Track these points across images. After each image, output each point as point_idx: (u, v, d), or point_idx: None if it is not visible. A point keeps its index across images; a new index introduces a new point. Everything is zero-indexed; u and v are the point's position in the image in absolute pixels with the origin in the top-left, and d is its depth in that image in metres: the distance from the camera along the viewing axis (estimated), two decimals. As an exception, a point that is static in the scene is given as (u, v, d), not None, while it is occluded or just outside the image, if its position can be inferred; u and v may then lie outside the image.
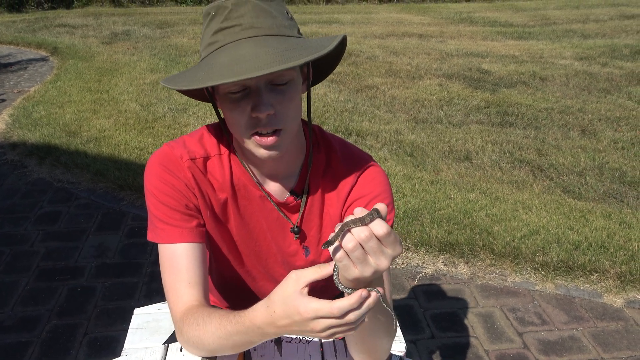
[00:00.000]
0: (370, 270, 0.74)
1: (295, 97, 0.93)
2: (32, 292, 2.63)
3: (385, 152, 4.20)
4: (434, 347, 2.33)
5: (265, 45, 0.86)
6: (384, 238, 0.72)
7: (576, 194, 3.57)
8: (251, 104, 0.89)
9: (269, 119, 0.90)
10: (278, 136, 0.92)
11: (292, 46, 0.87)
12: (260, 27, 0.88)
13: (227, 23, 0.88)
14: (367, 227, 0.72)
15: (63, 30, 9.26)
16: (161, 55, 7.32)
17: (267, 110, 0.88)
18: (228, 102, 0.92)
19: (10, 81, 6.46)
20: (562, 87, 6.12)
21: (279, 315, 0.78)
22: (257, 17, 0.88)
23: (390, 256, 0.74)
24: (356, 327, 0.76)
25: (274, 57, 0.82)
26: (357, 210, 0.74)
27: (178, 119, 4.87)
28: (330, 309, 0.73)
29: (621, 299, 2.63)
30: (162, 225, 1.01)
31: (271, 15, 0.90)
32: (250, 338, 0.86)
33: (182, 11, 11.86)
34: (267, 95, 0.89)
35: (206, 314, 0.93)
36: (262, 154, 0.94)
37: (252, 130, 0.91)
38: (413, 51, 7.86)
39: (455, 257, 2.91)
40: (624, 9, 12.65)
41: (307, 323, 0.75)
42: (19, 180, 3.82)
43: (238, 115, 0.91)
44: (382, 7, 13.28)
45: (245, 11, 0.88)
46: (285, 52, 0.84)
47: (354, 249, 0.72)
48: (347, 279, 0.77)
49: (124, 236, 3.12)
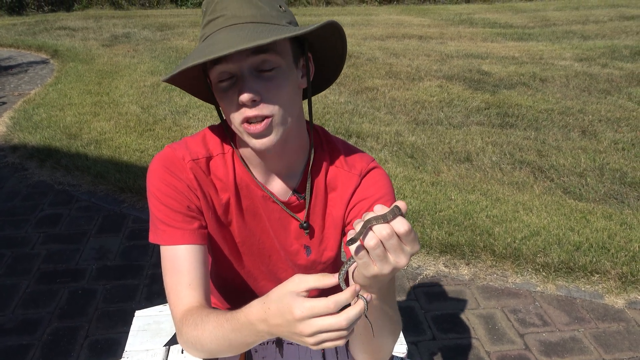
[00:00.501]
0: (389, 267, 0.74)
1: (283, 85, 0.93)
2: (33, 295, 2.63)
3: (385, 153, 4.20)
4: (435, 348, 2.33)
5: (240, 30, 0.88)
6: (404, 236, 0.72)
7: (577, 195, 3.57)
8: (237, 92, 0.90)
9: (254, 105, 0.90)
10: (267, 122, 0.92)
11: (271, 29, 0.88)
12: (242, 16, 0.90)
13: (213, 15, 0.91)
14: (388, 224, 0.72)
15: (63, 33, 9.27)
16: (161, 58, 7.33)
17: (250, 94, 0.88)
18: (219, 92, 0.93)
19: (10, 84, 6.46)
20: (562, 88, 6.12)
21: (272, 313, 0.77)
22: (240, 7, 0.90)
23: (409, 254, 0.74)
24: (348, 335, 0.75)
25: (243, 39, 0.84)
26: (377, 207, 0.74)
27: (178, 121, 4.87)
28: (326, 304, 0.73)
29: (622, 300, 2.63)
30: (163, 227, 1.01)
31: (256, 5, 0.91)
32: (244, 336, 0.85)
33: (182, 13, 11.87)
34: (252, 81, 0.89)
35: (205, 314, 0.93)
36: (254, 144, 0.94)
37: (240, 118, 0.92)
38: (413, 53, 7.86)
39: (456, 258, 2.91)
40: (623, 10, 12.66)
41: (297, 324, 0.74)
42: (19, 182, 3.82)
43: (228, 104, 0.92)
44: (382, 9, 13.29)
45: (229, 2, 0.91)
46: (257, 34, 0.86)
47: (375, 247, 0.72)
48: (365, 276, 0.77)
49: (124, 238, 3.12)
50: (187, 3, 12.97)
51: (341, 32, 0.97)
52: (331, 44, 1.00)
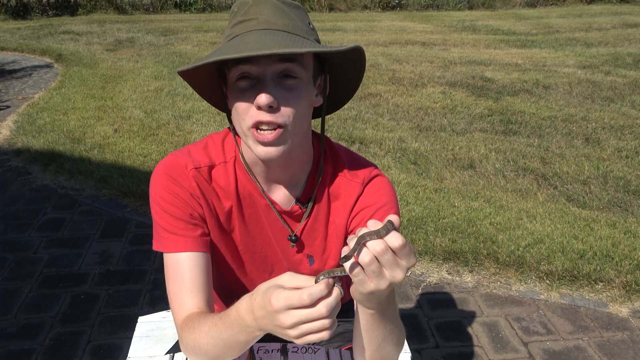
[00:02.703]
0: (385, 283, 0.74)
1: (301, 98, 0.93)
2: (36, 299, 2.62)
3: (388, 160, 4.19)
4: (439, 356, 2.32)
5: (273, 35, 0.88)
6: (399, 250, 0.71)
7: (580, 202, 3.56)
8: (256, 94, 0.89)
9: (270, 111, 0.89)
10: (279, 133, 0.91)
11: (301, 41, 0.89)
12: (275, 23, 0.90)
13: (245, 17, 0.91)
14: (382, 240, 0.71)
15: (67, 37, 9.30)
16: (165, 63, 7.34)
17: (269, 99, 0.87)
18: (235, 91, 0.92)
19: (14, 88, 6.48)
20: (565, 95, 6.12)
21: (257, 304, 0.77)
22: (274, 14, 0.91)
23: (405, 268, 0.73)
24: (330, 327, 0.74)
25: (277, 43, 0.85)
26: (370, 222, 0.74)
27: (182, 125, 4.88)
28: (299, 296, 0.72)
29: (627, 309, 2.61)
30: (166, 235, 1.01)
31: (289, 16, 0.92)
32: (236, 333, 0.85)
33: (186, 18, 11.90)
34: (273, 87, 0.89)
35: (202, 317, 0.93)
36: (260, 152, 0.93)
37: (252, 121, 0.90)
38: (416, 59, 7.87)
39: (460, 265, 2.90)
40: (626, 18, 12.66)
41: (277, 316, 0.73)
42: (23, 186, 3.83)
43: (243, 104, 0.91)
44: (385, 15, 13.31)
45: (264, 8, 0.91)
46: (290, 42, 0.86)
47: (370, 263, 0.72)
48: (362, 293, 0.77)
49: (127, 243, 3.11)
50: (190, 8, 13.01)
51: (362, 61, 0.98)
52: (350, 72, 1.02)
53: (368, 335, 0.93)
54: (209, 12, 12.99)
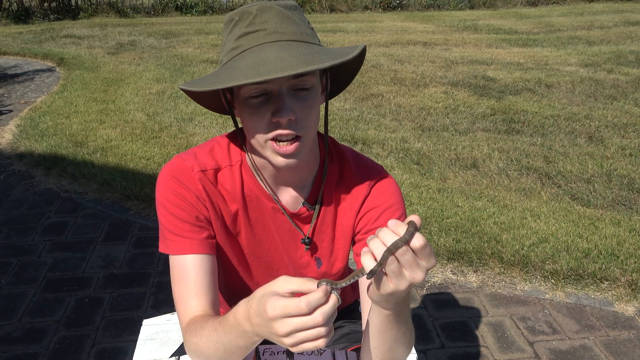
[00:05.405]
0: (405, 283, 0.73)
1: (315, 105, 0.93)
2: (40, 303, 2.62)
3: (391, 160, 4.19)
4: (444, 357, 2.31)
5: (289, 49, 0.86)
6: (420, 250, 0.71)
7: (585, 201, 3.55)
8: (272, 109, 0.89)
9: (289, 125, 0.89)
10: (298, 144, 0.91)
11: (316, 51, 0.87)
12: (284, 32, 0.89)
13: (252, 28, 0.89)
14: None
15: (69, 41, 9.31)
16: (167, 65, 7.35)
17: (289, 115, 0.88)
18: (248, 107, 0.91)
19: (17, 92, 6.49)
20: (568, 94, 6.10)
21: (253, 311, 0.76)
22: (281, 22, 0.89)
23: (425, 269, 0.73)
24: (327, 334, 0.72)
25: (298, 59, 0.83)
26: (390, 222, 0.73)
27: (184, 128, 4.88)
28: (298, 304, 0.70)
29: (632, 307, 2.60)
30: (172, 237, 1.01)
31: (294, 22, 0.91)
32: (235, 337, 0.83)
33: (187, 21, 11.91)
34: (289, 100, 0.89)
35: (204, 321, 0.92)
36: (280, 162, 0.93)
37: (271, 135, 0.91)
38: (418, 59, 7.86)
39: (464, 265, 2.89)
40: (628, 16, 12.63)
41: (272, 324, 0.71)
42: (26, 190, 3.83)
43: (258, 120, 0.91)
44: (386, 16, 13.30)
45: (270, 17, 0.89)
46: (309, 56, 0.84)
47: (390, 263, 0.71)
48: (380, 294, 0.76)
49: (131, 246, 3.11)
50: (191, 11, 13.02)
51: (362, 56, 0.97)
52: (348, 66, 1.01)
53: (381, 337, 0.92)
54: (210, 15, 12.99)
